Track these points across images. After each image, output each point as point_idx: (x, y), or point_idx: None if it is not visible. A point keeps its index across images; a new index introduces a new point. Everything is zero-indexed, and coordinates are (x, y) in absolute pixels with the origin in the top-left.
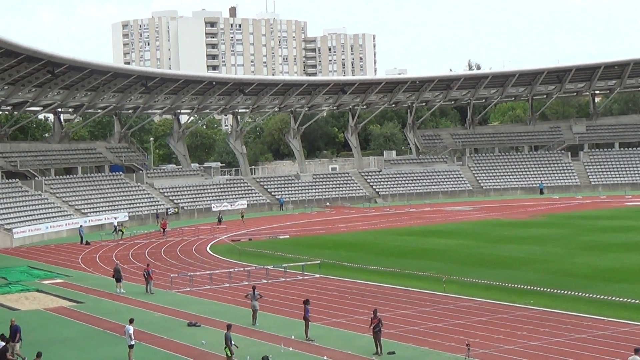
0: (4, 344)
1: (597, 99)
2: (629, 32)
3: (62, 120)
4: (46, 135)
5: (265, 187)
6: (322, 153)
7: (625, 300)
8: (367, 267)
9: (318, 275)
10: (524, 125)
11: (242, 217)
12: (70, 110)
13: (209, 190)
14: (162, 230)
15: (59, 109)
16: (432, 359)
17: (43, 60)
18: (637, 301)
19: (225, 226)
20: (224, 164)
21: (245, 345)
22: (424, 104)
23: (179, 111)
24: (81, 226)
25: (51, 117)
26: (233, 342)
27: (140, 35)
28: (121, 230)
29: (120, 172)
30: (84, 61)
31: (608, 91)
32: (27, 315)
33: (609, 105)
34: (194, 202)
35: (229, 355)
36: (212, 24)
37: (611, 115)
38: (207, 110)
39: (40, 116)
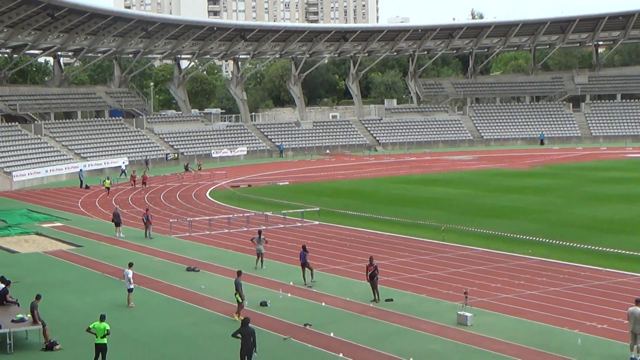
0: (3, 286)
1: (600, 50)
2: None
3: (62, 64)
4: (46, 79)
5: (265, 134)
6: (322, 101)
7: (623, 251)
8: (366, 214)
9: (317, 222)
10: (525, 76)
11: (200, 168)
12: (70, 54)
13: (208, 137)
14: (141, 182)
15: (59, 53)
16: (430, 307)
17: (43, 3)
18: (635, 252)
19: (192, 173)
20: (224, 110)
21: (243, 291)
22: (425, 52)
23: (179, 56)
24: (81, 170)
25: (51, 60)
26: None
27: None
28: (107, 187)
29: (120, 117)
30: (84, 4)
31: (612, 42)
32: (26, 258)
33: (612, 57)
34: (194, 148)
35: (240, 301)
36: None
37: (613, 66)
38: (208, 56)
39: (40, 60)
